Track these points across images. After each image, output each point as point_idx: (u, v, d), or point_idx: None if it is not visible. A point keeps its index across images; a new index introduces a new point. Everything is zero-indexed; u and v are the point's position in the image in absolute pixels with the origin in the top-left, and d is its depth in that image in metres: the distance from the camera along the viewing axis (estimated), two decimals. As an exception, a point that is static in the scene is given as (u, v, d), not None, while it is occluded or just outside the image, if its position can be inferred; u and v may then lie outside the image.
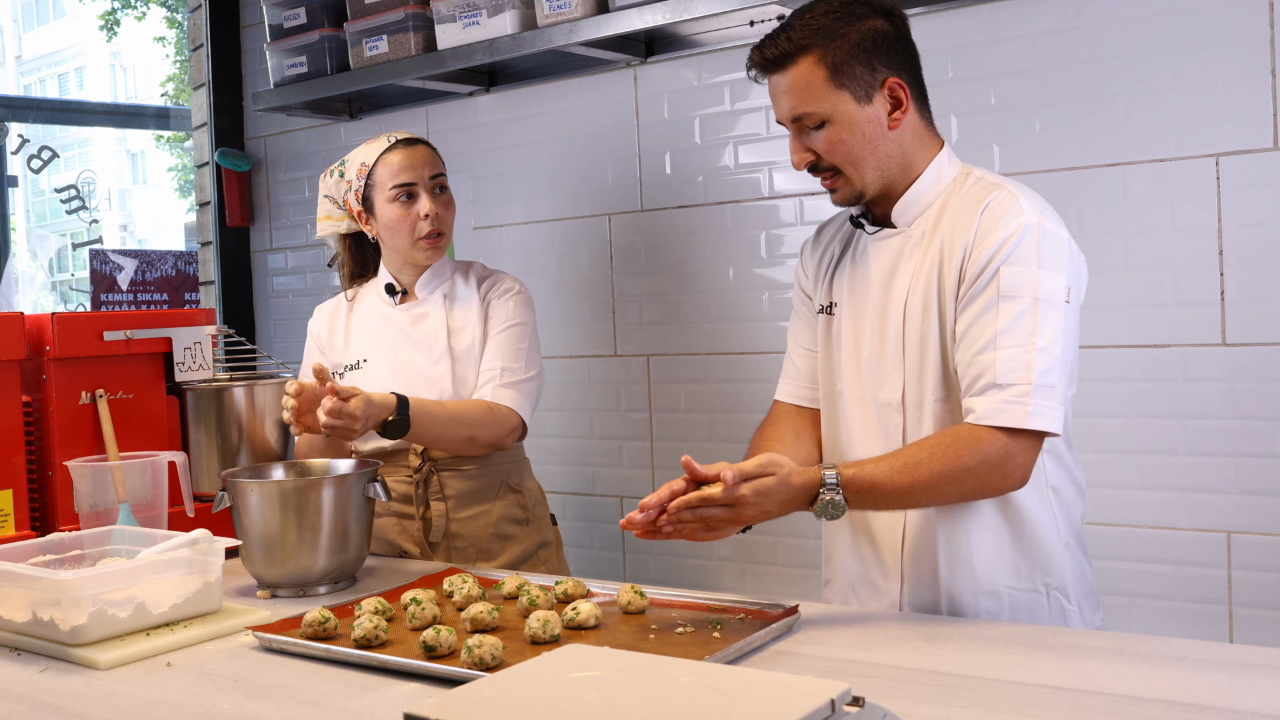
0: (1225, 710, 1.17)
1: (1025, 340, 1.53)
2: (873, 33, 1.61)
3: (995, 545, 1.65)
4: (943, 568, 1.66)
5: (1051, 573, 1.66)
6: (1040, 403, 1.52)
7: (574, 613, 1.55)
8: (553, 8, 2.56)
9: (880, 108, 1.63)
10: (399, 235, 2.20)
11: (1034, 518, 1.65)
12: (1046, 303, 1.54)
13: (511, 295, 2.25)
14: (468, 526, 2.19)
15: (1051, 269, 1.56)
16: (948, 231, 1.63)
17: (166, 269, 3.63)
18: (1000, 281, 1.55)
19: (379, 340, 2.25)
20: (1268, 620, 2.08)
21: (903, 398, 1.67)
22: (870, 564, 1.75)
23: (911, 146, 1.67)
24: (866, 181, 1.66)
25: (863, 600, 1.77)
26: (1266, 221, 2.06)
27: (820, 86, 1.61)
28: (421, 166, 2.19)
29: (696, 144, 2.71)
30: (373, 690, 1.38)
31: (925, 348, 1.64)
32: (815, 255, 1.84)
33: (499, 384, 2.16)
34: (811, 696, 1.00)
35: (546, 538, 2.30)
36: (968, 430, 1.54)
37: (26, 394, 2.16)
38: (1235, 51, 2.07)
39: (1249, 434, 2.09)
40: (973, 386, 1.56)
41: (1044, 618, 1.65)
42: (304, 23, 3.06)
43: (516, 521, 2.24)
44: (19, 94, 19.45)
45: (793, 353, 1.87)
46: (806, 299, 1.85)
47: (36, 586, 1.59)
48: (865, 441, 1.71)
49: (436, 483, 2.18)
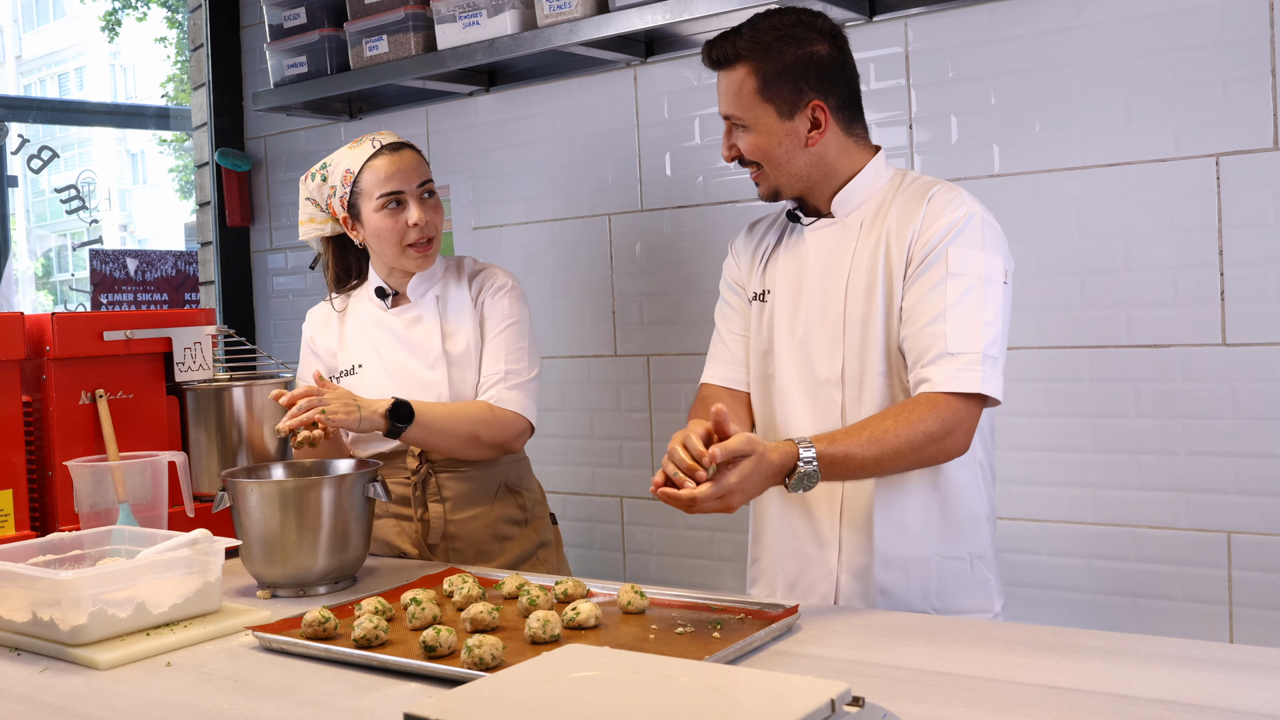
0: (1225, 710, 1.17)
1: (973, 314, 1.65)
2: (808, 56, 1.74)
3: (926, 513, 1.76)
4: (878, 534, 1.75)
5: (975, 542, 1.78)
6: (988, 371, 1.64)
7: (574, 613, 1.55)
8: (553, 8, 2.56)
9: (801, 125, 1.75)
10: (387, 243, 2.15)
11: (963, 489, 1.76)
12: (989, 282, 1.67)
13: (505, 292, 2.21)
14: (466, 528, 2.18)
15: (992, 252, 1.69)
16: (894, 220, 1.74)
17: (166, 269, 3.63)
18: (949, 260, 1.67)
19: (374, 344, 2.23)
20: (1268, 620, 2.08)
21: (842, 374, 1.76)
22: (803, 536, 1.82)
23: (834, 158, 1.79)
24: (781, 183, 1.80)
25: (791, 573, 1.84)
26: (1266, 221, 2.06)
27: (749, 96, 1.75)
28: (409, 173, 2.14)
29: (696, 144, 2.71)
30: (373, 690, 1.38)
31: (868, 325, 1.74)
32: (749, 247, 1.94)
33: (503, 387, 2.14)
34: (811, 696, 1.00)
35: (546, 538, 2.30)
36: (924, 398, 1.65)
37: (26, 394, 2.16)
38: (1235, 51, 2.07)
39: (1249, 434, 2.09)
40: (923, 357, 1.67)
41: (967, 584, 1.77)
42: (304, 23, 3.06)
43: (515, 522, 2.23)
44: (19, 94, 19.46)
45: (725, 338, 1.95)
46: (738, 288, 1.94)
47: (36, 586, 1.59)
48: (801, 419, 1.80)
49: (434, 484, 2.17)
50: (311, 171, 2.25)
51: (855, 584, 1.77)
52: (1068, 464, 2.27)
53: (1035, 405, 2.29)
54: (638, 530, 2.85)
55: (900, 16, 2.41)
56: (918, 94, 2.40)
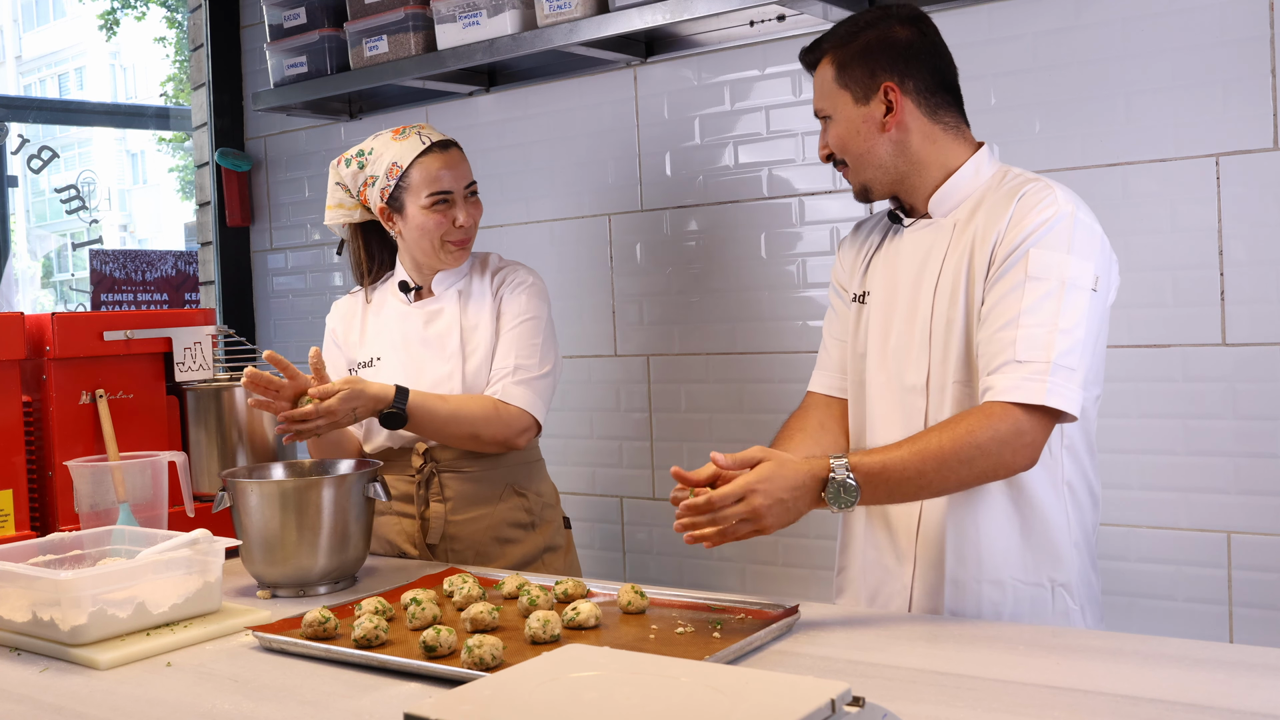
0: (1225, 710, 1.17)
1: (1048, 320, 1.54)
2: (884, 39, 1.68)
3: (1004, 534, 1.65)
4: (949, 553, 1.66)
5: (1058, 569, 1.65)
6: (1058, 382, 1.52)
7: (574, 613, 1.55)
8: (553, 8, 2.56)
9: (876, 110, 1.69)
10: (428, 239, 2.15)
11: (1045, 511, 1.64)
12: (1073, 287, 1.56)
13: (524, 288, 2.19)
14: (466, 529, 2.16)
15: (1081, 256, 1.58)
16: (982, 219, 1.65)
17: (166, 269, 3.63)
18: (1029, 263, 1.57)
19: (393, 338, 2.22)
20: (1268, 620, 2.08)
21: (927, 381, 1.68)
22: (884, 548, 1.76)
23: (920, 147, 1.70)
24: (867, 177, 1.73)
25: (872, 584, 1.78)
26: (1266, 221, 2.06)
27: (829, 84, 1.72)
28: (459, 174, 2.15)
29: (696, 144, 2.71)
30: (373, 690, 1.38)
31: (951, 330, 1.65)
32: (854, 247, 1.88)
33: (510, 382, 2.11)
34: (811, 696, 1.00)
35: (554, 542, 2.26)
36: (982, 407, 1.54)
37: (26, 394, 2.16)
38: (1235, 51, 2.07)
39: (1249, 434, 2.09)
40: (992, 363, 1.57)
41: (1047, 614, 1.65)
42: (304, 23, 3.06)
43: (519, 525, 2.20)
44: (19, 94, 19.46)
45: (827, 344, 1.91)
46: (842, 290, 1.88)
47: (36, 586, 1.58)
48: (887, 427, 1.72)
49: (437, 484, 2.16)
50: (346, 157, 2.23)
51: (927, 601, 1.70)
52: (1068, 464, 2.27)
53: (1035, 405, 2.29)
54: (637, 530, 2.85)
55: (900, 16, 2.41)
56: (918, 94, 2.40)
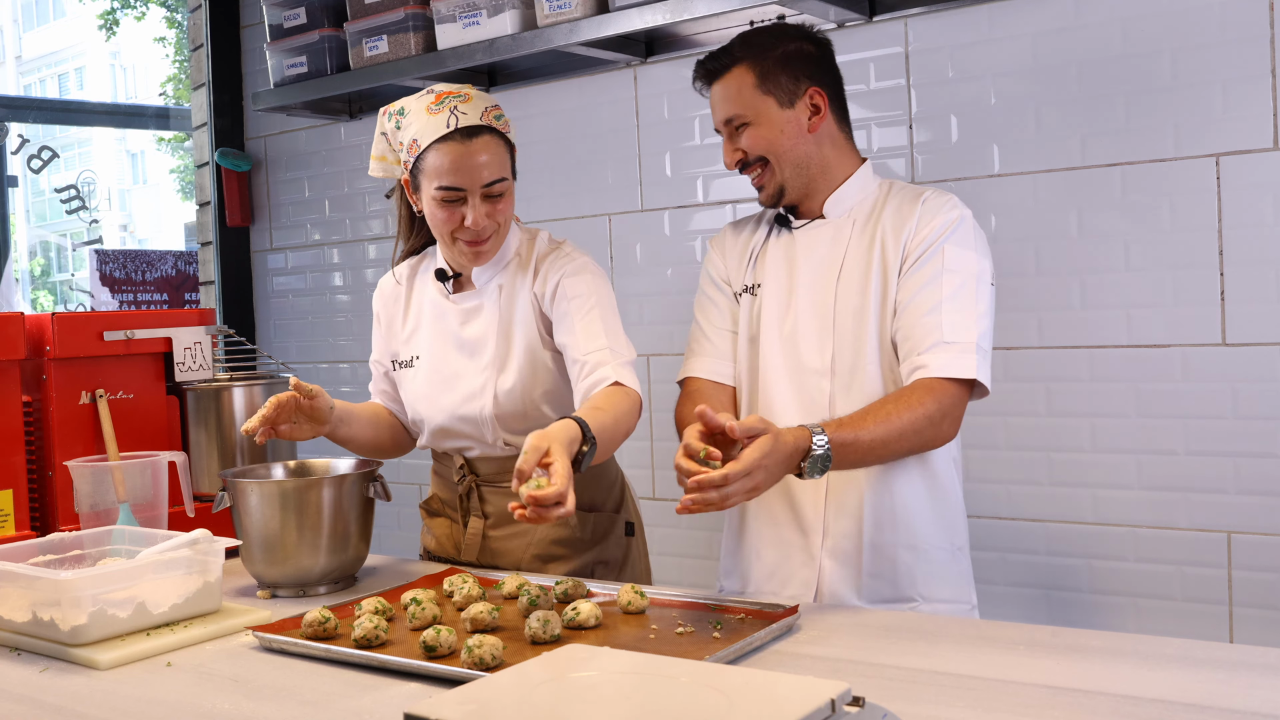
0: (1225, 710, 1.17)
1: (967, 307, 1.73)
2: (798, 50, 1.83)
3: (917, 501, 1.80)
4: (868, 521, 1.79)
5: (956, 534, 1.84)
6: (980, 360, 1.71)
7: (574, 613, 1.55)
8: (553, 8, 2.56)
9: (801, 113, 1.82)
10: (438, 231, 1.93)
11: (944, 481, 1.83)
12: (980, 280, 1.76)
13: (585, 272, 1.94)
14: (506, 544, 2.02)
15: (982, 255, 1.78)
16: (888, 219, 1.81)
17: (166, 269, 3.63)
18: (945, 257, 1.75)
19: (429, 338, 2.03)
20: (1268, 620, 2.08)
21: (831, 365, 1.81)
22: (783, 523, 1.85)
23: (831, 153, 1.85)
24: (786, 176, 1.84)
25: (768, 561, 1.86)
26: (1266, 221, 2.06)
27: (749, 91, 1.82)
28: (476, 172, 1.85)
29: (696, 144, 2.71)
30: (373, 690, 1.38)
31: (861, 318, 1.80)
32: (737, 243, 1.97)
33: (619, 364, 1.86)
34: (811, 696, 1.00)
35: (606, 555, 2.05)
36: (921, 383, 1.70)
37: (26, 394, 2.16)
38: (1235, 51, 2.07)
39: (1249, 434, 2.09)
40: (919, 345, 1.73)
41: (950, 575, 1.81)
42: (304, 23, 3.06)
43: (565, 543, 2.01)
44: (19, 94, 19.46)
45: (707, 332, 1.96)
46: (723, 284, 1.97)
47: (36, 586, 1.58)
48: (787, 409, 1.83)
49: (477, 498, 2.04)
50: (389, 110, 1.96)
51: (840, 569, 1.80)
52: (1067, 464, 2.27)
53: (1035, 405, 2.29)
54: (638, 530, 2.85)
55: (900, 16, 2.41)
56: (918, 94, 2.40)
